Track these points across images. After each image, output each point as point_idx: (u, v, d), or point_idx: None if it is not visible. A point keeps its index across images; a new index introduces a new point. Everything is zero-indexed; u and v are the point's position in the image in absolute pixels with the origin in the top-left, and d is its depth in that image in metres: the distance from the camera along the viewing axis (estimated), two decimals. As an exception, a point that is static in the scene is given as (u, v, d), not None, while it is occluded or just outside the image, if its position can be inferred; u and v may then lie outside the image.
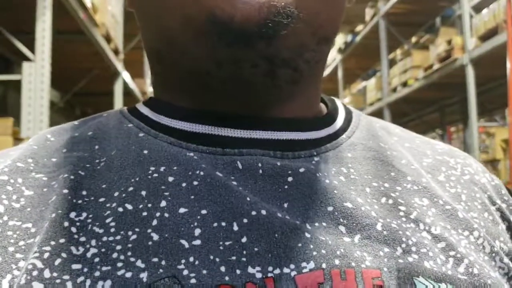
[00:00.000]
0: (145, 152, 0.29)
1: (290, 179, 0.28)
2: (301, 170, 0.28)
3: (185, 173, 0.27)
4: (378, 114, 6.13)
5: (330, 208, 0.27)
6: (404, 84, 5.40)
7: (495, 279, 0.27)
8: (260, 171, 0.28)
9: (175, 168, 0.28)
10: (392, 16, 5.62)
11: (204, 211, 0.26)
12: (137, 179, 0.27)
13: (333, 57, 7.72)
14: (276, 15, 0.26)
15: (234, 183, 0.27)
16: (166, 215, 0.25)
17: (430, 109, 6.62)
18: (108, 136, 0.31)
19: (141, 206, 0.26)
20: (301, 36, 0.28)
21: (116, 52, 3.62)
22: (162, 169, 0.28)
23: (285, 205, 0.27)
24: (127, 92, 4.20)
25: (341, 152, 0.31)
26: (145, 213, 0.25)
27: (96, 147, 0.30)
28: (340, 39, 7.25)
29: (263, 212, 0.26)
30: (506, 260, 0.30)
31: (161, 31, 0.29)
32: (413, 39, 6.36)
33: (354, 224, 0.27)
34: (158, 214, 0.25)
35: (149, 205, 0.26)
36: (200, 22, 0.27)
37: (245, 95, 0.29)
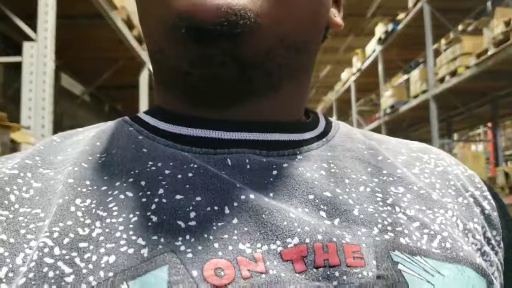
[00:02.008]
0: (144, 150, 0.31)
1: (274, 172, 0.30)
2: (285, 165, 0.31)
3: (180, 166, 0.30)
4: (423, 107, 5.79)
5: (311, 196, 0.30)
6: (453, 74, 4.97)
7: (467, 252, 0.29)
8: (248, 166, 0.30)
9: (171, 163, 0.30)
10: (437, 2, 5.21)
11: (198, 198, 0.28)
12: (137, 171, 0.30)
13: (373, 48, 7.33)
14: (232, 15, 0.28)
15: (225, 176, 0.29)
16: (164, 200, 0.28)
17: (481, 101, 6.13)
18: (109, 137, 0.33)
19: (140, 193, 0.28)
20: (266, 41, 0.30)
21: (140, 40, 3.36)
22: (159, 164, 0.30)
23: (271, 194, 0.29)
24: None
25: (322, 151, 0.34)
26: (144, 199, 0.28)
27: (98, 143, 0.33)
28: (380, 29, 6.89)
29: (252, 196, 0.28)
30: (478, 237, 0.32)
31: (148, 33, 0.33)
32: (460, 27, 5.94)
33: (333, 210, 0.29)
34: (156, 199, 0.28)
35: (148, 192, 0.28)
36: (170, 23, 0.29)
37: (225, 96, 0.32)
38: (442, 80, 5.23)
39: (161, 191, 0.28)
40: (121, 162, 0.30)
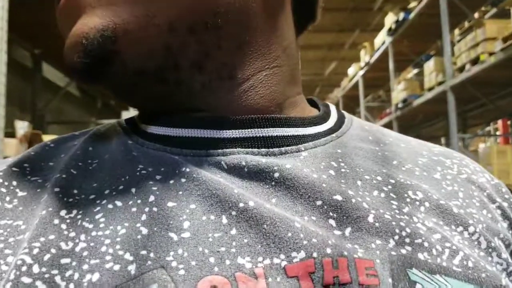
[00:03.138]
0: (134, 154, 0.30)
1: (276, 175, 0.28)
2: (287, 166, 0.28)
3: (172, 172, 0.28)
4: (440, 100, 5.46)
5: (319, 202, 0.27)
6: (475, 62, 4.56)
7: (491, 273, 0.27)
8: (246, 169, 0.28)
9: (162, 168, 0.28)
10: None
11: (192, 205, 0.26)
12: (127, 177, 0.28)
13: (382, 40, 6.95)
14: (81, 51, 0.27)
15: (221, 180, 0.27)
16: (155, 209, 0.26)
17: (505, 91, 5.71)
18: (103, 141, 0.32)
19: (130, 202, 0.26)
20: (141, 46, 0.28)
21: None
22: (150, 169, 0.28)
23: (273, 200, 0.27)
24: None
25: (331, 148, 0.31)
26: (134, 209, 0.26)
27: (90, 148, 0.31)
28: (390, 19, 6.52)
29: (251, 203, 0.26)
30: (504, 255, 0.29)
31: None
32: (476, 15, 5.56)
33: (344, 217, 0.26)
34: (147, 209, 0.26)
35: (139, 201, 0.26)
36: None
37: (180, 107, 0.31)
38: (461, 69, 4.85)
39: (151, 198, 0.26)
40: (112, 168, 0.29)
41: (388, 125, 6.72)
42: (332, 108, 0.36)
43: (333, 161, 0.29)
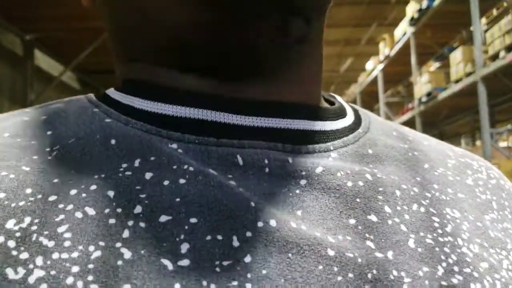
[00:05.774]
0: (112, 142, 0.23)
1: (303, 182, 0.23)
2: (318, 170, 0.24)
3: (167, 167, 0.22)
4: (467, 93, 5.19)
5: (352, 221, 0.23)
6: (510, 48, 4.25)
7: None
8: (267, 170, 0.23)
9: (152, 159, 0.22)
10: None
11: (193, 219, 0.21)
12: (103, 175, 0.22)
13: (403, 31, 6.70)
14: None
15: (233, 183, 0.22)
16: (143, 224, 0.20)
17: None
18: (66, 121, 0.25)
19: (107, 210, 0.20)
20: None
21: None
22: (136, 163, 0.22)
23: (299, 212, 0.22)
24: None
25: (361, 147, 0.27)
26: (113, 221, 0.20)
27: (49, 132, 0.24)
28: (412, 7, 6.23)
29: (273, 223, 0.21)
30: None
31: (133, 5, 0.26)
32: (505, 3, 5.24)
33: (382, 241, 0.23)
34: (131, 222, 0.20)
35: (119, 210, 0.20)
36: None
37: (245, 62, 0.25)
38: (494, 57, 4.55)
39: (138, 209, 0.20)
40: (81, 158, 0.22)
41: (410, 122, 6.54)
42: (339, 99, 0.31)
43: (365, 166, 0.25)
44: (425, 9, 5.84)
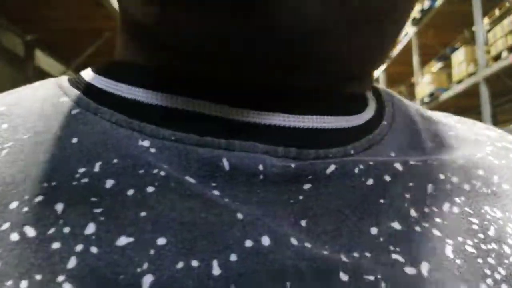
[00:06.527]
0: (74, 140, 0.19)
1: (307, 186, 0.19)
2: (329, 170, 0.19)
3: (133, 171, 0.18)
4: (469, 93, 5.14)
5: (373, 230, 0.18)
6: None
7: None
8: (261, 176, 0.18)
9: (115, 161, 0.18)
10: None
11: (161, 240, 0.17)
12: (54, 183, 0.18)
13: (405, 31, 6.70)
14: None
15: (216, 192, 0.18)
16: (94, 250, 0.16)
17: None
18: (27, 112, 0.21)
19: (51, 231, 0.16)
20: None
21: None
22: (97, 167, 0.18)
23: (303, 223, 0.18)
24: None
25: (386, 148, 0.21)
26: (57, 245, 0.16)
27: (4, 126, 0.20)
28: (415, 8, 6.21)
29: (265, 240, 0.17)
30: None
31: None
32: (507, 4, 5.22)
33: (412, 256, 0.18)
34: (79, 247, 0.16)
35: (66, 230, 0.17)
36: None
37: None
38: (497, 58, 4.53)
39: (91, 228, 0.16)
40: (33, 161, 0.18)
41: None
42: None
43: (388, 164, 0.20)
44: (427, 9, 5.84)
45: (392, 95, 0.26)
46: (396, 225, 0.19)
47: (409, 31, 6.52)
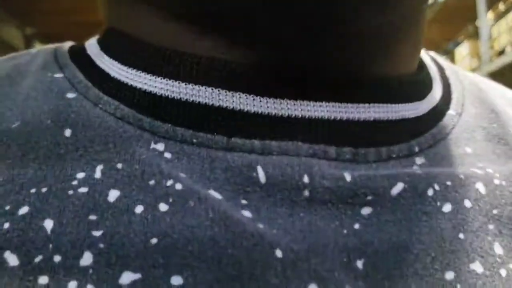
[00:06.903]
0: (67, 133, 0.15)
1: (366, 210, 0.15)
2: (395, 190, 0.15)
3: (141, 181, 0.14)
4: None
5: (449, 275, 0.15)
6: None
7: None
8: (306, 193, 0.15)
9: (120, 167, 0.15)
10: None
11: (177, 280, 0.13)
12: (44, 189, 0.14)
13: None
14: None
15: (248, 214, 0.14)
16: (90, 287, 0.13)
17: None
18: (16, 91, 0.17)
19: (38, 259, 0.13)
20: None
21: None
22: (98, 171, 0.15)
23: (359, 264, 0.14)
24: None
25: (455, 144, 0.17)
26: (44, 280, 0.13)
27: None
28: (418, 2, 6.20)
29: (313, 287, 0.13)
30: None
31: None
32: None
33: None
34: (73, 284, 0.13)
35: (57, 259, 0.13)
36: None
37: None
38: (501, 53, 4.48)
39: (87, 258, 0.13)
40: (19, 158, 0.15)
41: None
42: (425, 54, 0.21)
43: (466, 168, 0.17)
44: (431, 3, 5.85)
45: (461, 75, 0.21)
46: (478, 267, 0.15)
47: (412, 25, 6.52)
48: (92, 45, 0.19)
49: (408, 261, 0.14)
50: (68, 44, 0.20)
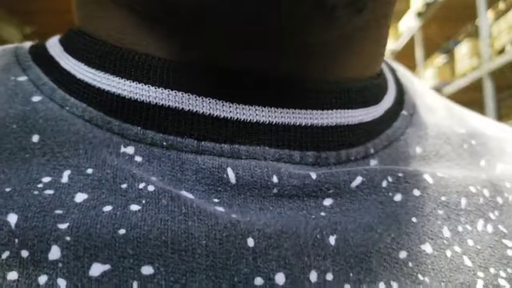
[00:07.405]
0: (35, 138, 0.15)
1: (328, 201, 0.16)
2: (354, 183, 0.17)
3: (112, 185, 0.14)
4: (473, 87, 5.07)
5: (402, 254, 0.16)
6: None
7: None
8: (275, 190, 0.16)
9: (90, 172, 0.15)
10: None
11: (147, 269, 0.13)
12: (8, 189, 0.14)
13: (408, 25, 6.67)
14: None
15: (220, 209, 0.15)
16: (62, 282, 0.13)
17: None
18: None
19: (5, 255, 0.13)
20: None
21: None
22: (65, 176, 0.14)
23: (331, 240, 0.15)
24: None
25: (407, 145, 0.19)
26: (13, 275, 0.13)
27: None
28: (418, 0, 6.16)
29: (280, 278, 0.14)
30: None
31: None
32: None
33: (442, 285, 0.16)
34: (43, 279, 0.13)
35: (24, 254, 0.13)
36: None
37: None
38: (500, 51, 4.49)
39: (55, 252, 0.13)
40: None
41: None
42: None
43: (420, 165, 0.18)
44: (431, 2, 5.81)
45: (411, 78, 0.23)
46: (428, 248, 0.16)
47: (412, 24, 6.48)
48: (54, 46, 0.19)
49: (373, 239, 0.15)
50: (27, 44, 0.19)
